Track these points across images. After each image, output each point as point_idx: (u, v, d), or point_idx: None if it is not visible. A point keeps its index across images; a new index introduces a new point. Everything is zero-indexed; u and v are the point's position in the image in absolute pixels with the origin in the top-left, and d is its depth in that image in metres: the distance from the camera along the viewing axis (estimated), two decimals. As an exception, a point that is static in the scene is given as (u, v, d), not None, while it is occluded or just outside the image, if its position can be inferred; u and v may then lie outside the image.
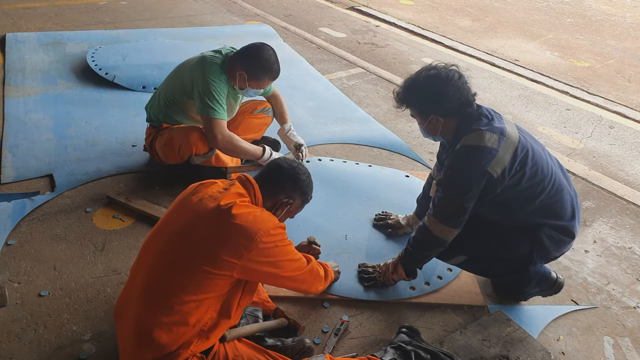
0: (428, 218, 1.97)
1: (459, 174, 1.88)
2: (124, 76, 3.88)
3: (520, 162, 1.87)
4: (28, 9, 5.38)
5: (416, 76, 1.97)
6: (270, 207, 1.71)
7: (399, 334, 1.93)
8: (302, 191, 1.78)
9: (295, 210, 1.84)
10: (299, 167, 1.79)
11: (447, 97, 1.89)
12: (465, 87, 1.93)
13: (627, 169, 3.44)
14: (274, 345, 1.77)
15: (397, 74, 4.71)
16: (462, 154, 1.88)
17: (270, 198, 1.71)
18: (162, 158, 2.76)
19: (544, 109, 4.26)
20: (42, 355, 1.81)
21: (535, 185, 1.91)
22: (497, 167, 1.83)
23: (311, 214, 2.59)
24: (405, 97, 1.99)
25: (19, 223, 2.42)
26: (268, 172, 1.76)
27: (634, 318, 2.22)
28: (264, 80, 2.59)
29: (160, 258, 1.55)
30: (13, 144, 3.03)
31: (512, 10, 7.26)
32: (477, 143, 1.85)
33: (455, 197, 1.88)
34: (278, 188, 1.73)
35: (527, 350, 1.93)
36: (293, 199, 1.76)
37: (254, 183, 1.67)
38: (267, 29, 5.43)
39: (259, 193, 1.66)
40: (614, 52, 5.75)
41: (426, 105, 1.95)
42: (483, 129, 1.87)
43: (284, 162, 1.78)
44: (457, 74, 1.93)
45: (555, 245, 2.01)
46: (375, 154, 3.32)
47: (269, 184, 1.72)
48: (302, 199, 1.81)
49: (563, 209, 1.99)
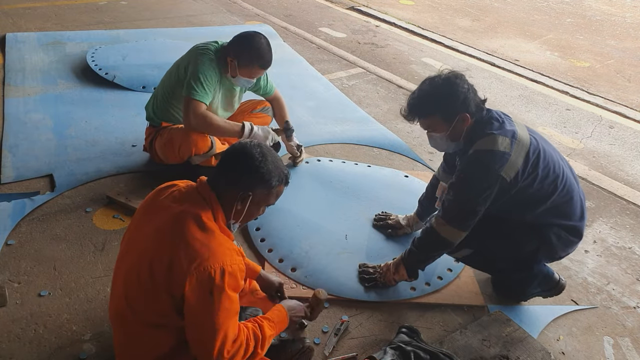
0: (436, 220, 1.97)
1: (472, 179, 1.89)
2: (124, 76, 3.88)
3: (532, 164, 1.88)
4: (28, 9, 5.38)
5: (429, 84, 1.94)
6: (229, 205, 1.52)
7: (399, 334, 1.93)
8: (261, 179, 1.52)
9: (263, 201, 1.59)
10: (251, 150, 1.52)
11: (469, 93, 1.90)
12: (474, 89, 1.96)
13: (627, 169, 3.44)
14: (273, 346, 1.76)
15: (397, 74, 4.71)
16: (476, 158, 1.89)
17: (229, 193, 1.51)
18: (162, 158, 2.76)
19: (544, 109, 4.26)
20: (42, 355, 1.81)
21: (548, 185, 1.92)
22: (510, 172, 1.84)
23: (311, 215, 2.59)
24: (424, 106, 1.94)
25: (19, 223, 2.42)
26: (220, 164, 1.56)
27: (634, 318, 2.22)
28: (254, 68, 2.57)
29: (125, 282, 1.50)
30: (13, 144, 3.03)
31: (512, 10, 7.26)
32: (491, 147, 1.85)
33: (467, 200, 1.89)
34: (233, 182, 1.51)
35: (527, 350, 1.93)
36: (252, 190, 1.52)
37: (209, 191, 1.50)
38: (267, 29, 5.42)
39: (216, 203, 1.50)
40: (614, 52, 5.75)
41: (451, 104, 1.90)
42: (496, 132, 1.88)
43: (235, 150, 1.55)
44: (465, 77, 1.96)
45: (563, 245, 2.02)
46: (375, 154, 3.32)
47: (224, 180, 1.52)
48: (265, 186, 1.54)
49: (573, 210, 2.00)
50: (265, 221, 2.53)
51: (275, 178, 1.55)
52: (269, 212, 2.58)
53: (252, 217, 1.63)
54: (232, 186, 1.51)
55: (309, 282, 2.20)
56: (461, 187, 1.91)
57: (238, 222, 1.60)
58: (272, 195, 1.59)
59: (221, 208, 1.52)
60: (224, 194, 1.52)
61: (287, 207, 2.62)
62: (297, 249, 2.35)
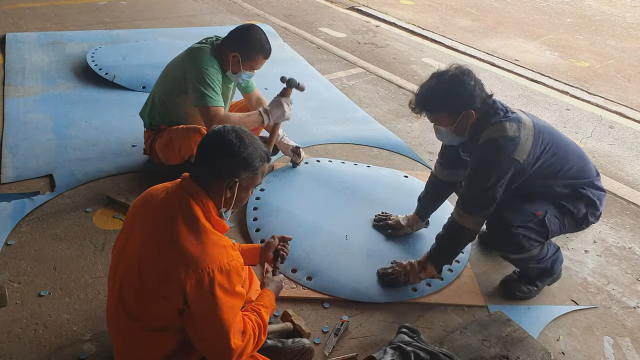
0: (457, 213, 2.05)
1: (489, 166, 1.97)
2: (124, 76, 3.88)
3: (542, 142, 2.00)
4: (28, 9, 5.38)
5: (436, 80, 2.00)
6: (218, 194, 1.50)
7: (399, 334, 1.93)
8: (244, 163, 1.49)
9: (251, 184, 1.56)
10: (228, 136, 1.48)
11: (475, 89, 1.96)
12: (481, 83, 2.01)
13: (627, 169, 3.44)
14: (273, 346, 1.76)
15: (397, 74, 4.71)
16: (489, 146, 1.96)
17: (215, 185, 1.49)
18: (162, 159, 2.75)
19: (544, 109, 4.26)
20: (42, 355, 1.81)
21: (563, 156, 2.06)
22: (523, 154, 1.94)
23: (311, 215, 2.59)
24: (430, 102, 2.01)
25: (19, 223, 2.42)
26: (199, 156, 1.52)
27: (634, 318, 2.22)
28: (258, 59, 2.57)
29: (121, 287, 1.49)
30: (13, 144, 3.03)
31: (512, 10, 7.26)
32: (501, 134, 1.94)
33: (487, 188, 1.96)
34: (216, 171, 1.48)
35: (527, 350, 1.93)
36: (237, 176, 1.49)
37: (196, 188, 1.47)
38: (267, 29, 5.42)
39: (205, 197, 1.48)
40: (613, 52, 5.74)
41: (457, 101, 1.97)
42: (503, 120, 1.97)
43: (209, 139, 1.52)
44: (472, 73, 2.00)
45: (598, 199, 2.13)
46: (375, 154, 3.32)
47: (206, 170, 1.49)
48: (249, 169, 1.51)
49: (589, 169, 2.15)
50: (265, 222, 2.53)
51: (257, 159, 1.52)
52: (268, 213, 2.60)
53: (242, 201, 1.61)
54: (217, 176, 1.48)
55: (309, 284, 2.20)
56: (479, 176, 1.99)
57: (230, 209, 1.58)
58: (258, 175, 1.57)
59: (210, 199, 1.49)
60: (210, 185, 1.49)
61: (287, 208, 2.62)
62: (297, 250, 2.34)
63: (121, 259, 1.53)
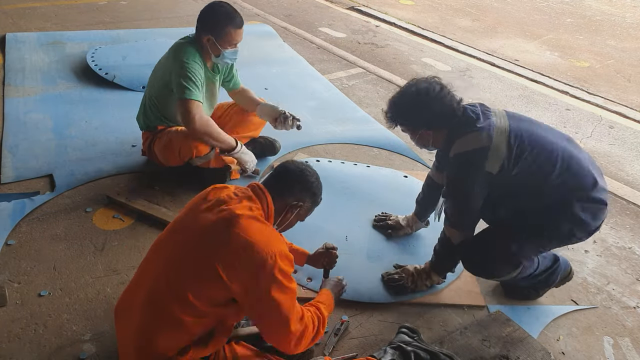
0: (445, 226, 2.06)
1: (460, 182, 1.95)
2: (124, 76, 3.88)
3: (518, 148, 1.87)
4: (28, 9, 5.38)
5: (400, 94, 2.03)
6: (279, 210, 1.69)
7: (399, 334, 1.93)
8: (311, 193, 1.75)
9: (306, 213, 1.81)
10: (308, 169, 1.76)
11: (430, 110, 1.94)
12: (448, 98, 1.96)
13: (627, 169, 3.45)
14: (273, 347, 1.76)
15: (397, 74, 4.71)
16: (457, 161, 1.93)
17: (279, 201, 1.68)
18: (161, 160, 2.74)
19: (544, 109, 4.26)
20: (42, 355, 1.81)
21: (544, 163, 1.88)
22: (495, 163, 1.86)
23: (311, 216, 2.58)
24: (393, 116, 2.05)
25: (19, 223, 2.42)
26: (276, 175, 1.73)
27: (634, 318, 2.23)
28: (230, 32, 2.51)
29: (168, 268, 1.51)
30: (13, 144, 3.03)
31: (512, 10, 7.26)
32: (469, 147, 1.89)
33: (463, 204, 1.96)
34: (287, 191, 1.70)
35: (527, 350, 1.93)
36: (303, 202, 1.73)
37: (266, 192, 1.64)
38: (267, 29, 5.42)
39: (271, 204, 1.63)
40: (613, 52, 5.74)
41: (412, 121, 2.02)
42: (471, 130, 1.90)
43: (291, 164, 1.76)
44: (437, 86, 1.96)
45: (592, 215, 1.94)
46: (375, 154, 3.32)
47: (278, 187, 1.69)
48: (312, 200, 1.78)
49: (582, 179, 1.92)
50: (265, 221, 2.53)
51: (319, 195, 1.79)
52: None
53: (290, 226, 1.81)
54: (287, 194, 1.69)
55: (310, 284, 2.20)
56: (453, 192, 2.00)
57: (280, 228, 1.75)
58: (311, 211, 1.83)
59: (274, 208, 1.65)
60: (275, 200, 1.65)
61: (287, 207, 2.62)
62: (297, 249, 2.34)
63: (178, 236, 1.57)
